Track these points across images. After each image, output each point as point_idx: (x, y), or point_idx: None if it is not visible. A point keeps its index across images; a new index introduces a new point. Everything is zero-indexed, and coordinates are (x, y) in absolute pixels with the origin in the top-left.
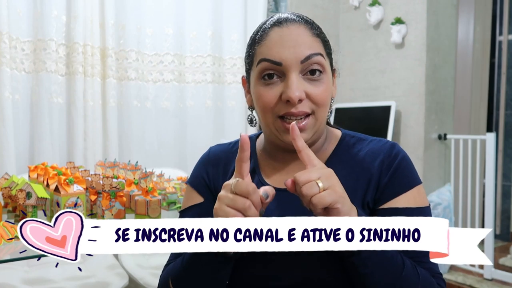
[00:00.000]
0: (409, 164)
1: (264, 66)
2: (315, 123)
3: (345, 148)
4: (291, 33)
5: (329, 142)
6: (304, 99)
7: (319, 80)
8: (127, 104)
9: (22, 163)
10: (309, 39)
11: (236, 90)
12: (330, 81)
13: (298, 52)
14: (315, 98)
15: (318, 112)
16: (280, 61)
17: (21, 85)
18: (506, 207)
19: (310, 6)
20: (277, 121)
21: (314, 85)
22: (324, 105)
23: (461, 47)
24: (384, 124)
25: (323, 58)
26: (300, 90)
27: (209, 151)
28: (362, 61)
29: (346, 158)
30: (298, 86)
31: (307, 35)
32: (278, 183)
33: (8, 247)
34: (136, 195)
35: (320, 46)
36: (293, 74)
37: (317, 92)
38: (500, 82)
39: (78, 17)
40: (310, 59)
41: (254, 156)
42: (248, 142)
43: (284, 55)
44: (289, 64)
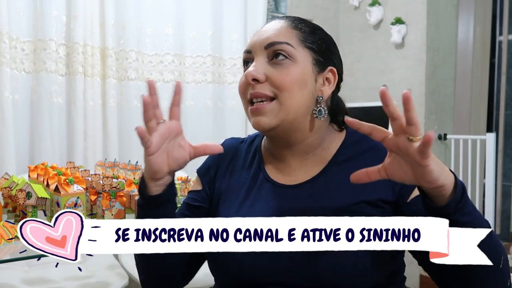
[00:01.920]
0: None
1: (243, 57)
2: (280, 109)
3: (350, 145)
4: (267, 26)
5: (332, 141)
6: (263, 80)
7: (282, 65)
8: (127, 104)
9: (22, 163)
10: (281, 30)
11: (236, 90)
12: (301, 70)
13: (264, 39)
14: (274, 81)
15: (281, 97)
16: (250, 48)
17: (21, 85)
18: (506, 207)
19: (310, 6)
20: (248, 106)
21: (276, 69)
22: (286, 90)
23: (461, 47)
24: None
25: (291, 47)
26: (258, 70)
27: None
28: (362, 61)
29: (352, 155)
30: (256, 67)
31: (280, 26)
32: (283, 180)
33: (8, 247)
34: (136, 195)
35: (292, 37)
36: (258, 58)
37: (276, 74)
38: (500, 82)
39: (78, 17)
40: (274, 46)
41: (259, 153)
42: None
43: (253, 42)
44: (255, 50)
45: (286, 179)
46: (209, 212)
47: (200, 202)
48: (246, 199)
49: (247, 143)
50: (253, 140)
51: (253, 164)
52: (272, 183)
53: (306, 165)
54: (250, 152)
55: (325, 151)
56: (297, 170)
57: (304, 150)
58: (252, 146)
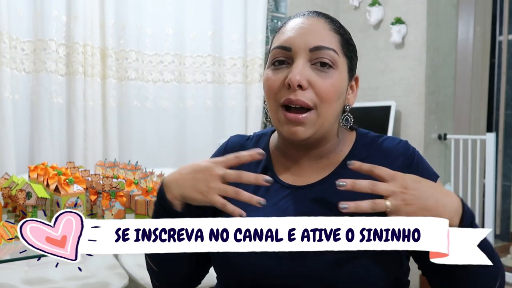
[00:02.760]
0: (425, 161)
1: (275, 53)
2: (317, 120)
3: (360, 148)
4: (308, 22)
5: (345, 144)
6: (306, 87)
7: (327, 73)
8: (127, 104)
9: (22, 163)
10: (325, 31)
11: (236, 90)
12: (341, 80)
13: (309, 39)
14: (318, 90)
15: (320, 108)
16: (289, 46)
17: (21, 85)
18: (506, 207)
19: (310, 6)
20: (279, 110)
21: (321, 77)
22: (327, 101)
23: (461, 47)
24: (384, 124)
25: (336, 54)
26: (303, 75)
27: (227, 142)
28: (362, 61)
29: (362, 157)
30: (301, 71)
31: (323, 27)
32: (292, 180)
33: (8, 247)
34: (136, 195)
35: (336, 42)
36: (301, 60)
37: (321, 83)
38: (500, 82)
39: (78, 17)
40: (320, 50)
41: (267, 152)
42: (260, 155)
43: (294, 40)
44: (297, 50)
45: (295, 180)
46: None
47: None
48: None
49: (254, 140)
50: (259, 138)
51: (261, 163)
52: (280, 183)
53: (318, 168)
54: None
55: (338, 154)
56: (308, 171)
57: (320, 154)
58: (259, 145)
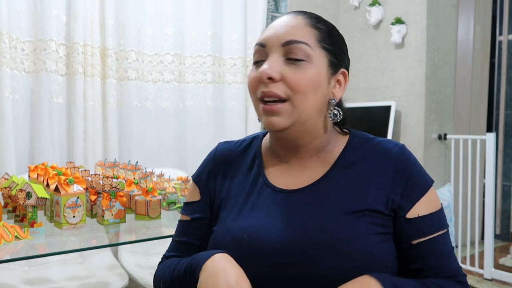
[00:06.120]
0: (420, 167)
1: (254, 51)
2: (293, 111)
3: (353, 149)
4: (285, 20)
5: (336, 145)
6: (278, 79)
7: (299, 66)
8: (127, 104)
9: (22, 163)
10: (299, 27)
11: (236, 90)
12: (317, 73)
13: (282, 35)
14: (290, 82)
15: (295, 99)
16: (264, 42)
17: (21, 85)
18: (506, 207)
19: (310, 6)
20: (259, 104)
21: (293, 69)
22: (300, 92)
23: (461, 47)
24: (384, 124)
25: (309, 47)
26: (272, 68)
27: (216, 149)
28: (362, 61)
29: (355, 159)
30: (272, 65)
31: (299, 24)
32: (284, 184)
33: (8, 247)
34: (136, 195)
35: (310, 36)
36: (273, 55)
37: (292, 75)
38: (500, 82)
39: (78, 17)
40: (292, 44)
41: (258, 156)
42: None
43: (268, 37)
44: (271, 46)
45: (287, 183)
46: (211, 220)
47: (200, 213)
48: (245, 204)
49: (244, 145)
50: (250, 142)
51: (253, 168)
52: (272, 188)
53: (309, 168)
54: (249, 155)
55: (329, 154)
56: (300, 173)
57: (309, 152)
58: (250, 149)
